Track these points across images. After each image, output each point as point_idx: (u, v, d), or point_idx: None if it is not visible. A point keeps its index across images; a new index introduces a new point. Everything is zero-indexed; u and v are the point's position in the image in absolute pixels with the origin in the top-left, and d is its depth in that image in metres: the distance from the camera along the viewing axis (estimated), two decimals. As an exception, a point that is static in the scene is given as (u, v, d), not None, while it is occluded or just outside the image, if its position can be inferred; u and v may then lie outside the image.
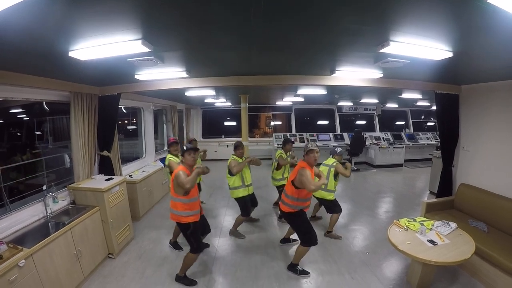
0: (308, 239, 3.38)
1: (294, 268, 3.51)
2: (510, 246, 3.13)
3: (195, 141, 5.25)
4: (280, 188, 4.84)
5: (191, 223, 3.13)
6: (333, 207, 4.33)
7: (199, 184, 4.92)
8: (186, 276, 3.35)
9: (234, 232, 4.53)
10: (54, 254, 2.80)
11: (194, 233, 3.19)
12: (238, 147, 4.30)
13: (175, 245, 4.14)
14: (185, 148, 3.18)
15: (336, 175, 4.29)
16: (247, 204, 4.36)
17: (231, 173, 4.19)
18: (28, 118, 6.27)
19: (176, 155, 4.41)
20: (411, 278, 3.18)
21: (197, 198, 3.22)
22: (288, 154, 5.00)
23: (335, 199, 4.34)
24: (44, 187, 3.41)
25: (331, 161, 4.36)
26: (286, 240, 4.21)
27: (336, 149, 4.44)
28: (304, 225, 3.41)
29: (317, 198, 4.43)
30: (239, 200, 4.34)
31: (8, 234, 2.83)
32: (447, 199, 4.45)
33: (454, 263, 2.77)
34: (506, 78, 3.73)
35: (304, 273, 3.47)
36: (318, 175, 3.62)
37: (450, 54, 2.50)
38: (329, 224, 4.41)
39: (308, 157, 3.23)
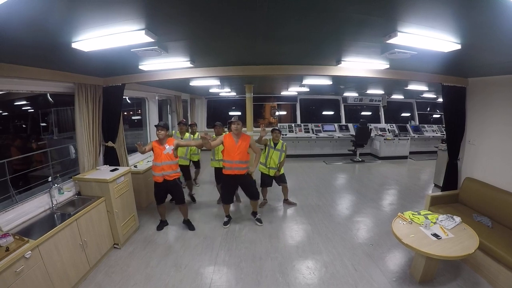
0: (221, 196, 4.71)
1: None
2: (515, 242, 3.10)
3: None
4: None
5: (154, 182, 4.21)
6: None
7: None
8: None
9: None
10: (60, 245, 2.83)
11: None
12: (215, 126, 5.09)
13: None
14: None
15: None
16: (218, 174, 5.05)
17: None
18: (33, 110, 6.30)
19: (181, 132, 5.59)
20: (414, 271, 3.19)
21: (157, 164, 4.03)
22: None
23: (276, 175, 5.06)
24: (50, 179, 3.43)
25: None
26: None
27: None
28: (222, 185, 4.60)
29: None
30: (215, 170, 5.21)
31: (14, 226, 2.85)
32: (452, 193, 4.41)
33: (458, 257, 2.77)
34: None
35: (225, 220, 4.62)
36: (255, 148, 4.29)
37: (458, 47, 2.43)
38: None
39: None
